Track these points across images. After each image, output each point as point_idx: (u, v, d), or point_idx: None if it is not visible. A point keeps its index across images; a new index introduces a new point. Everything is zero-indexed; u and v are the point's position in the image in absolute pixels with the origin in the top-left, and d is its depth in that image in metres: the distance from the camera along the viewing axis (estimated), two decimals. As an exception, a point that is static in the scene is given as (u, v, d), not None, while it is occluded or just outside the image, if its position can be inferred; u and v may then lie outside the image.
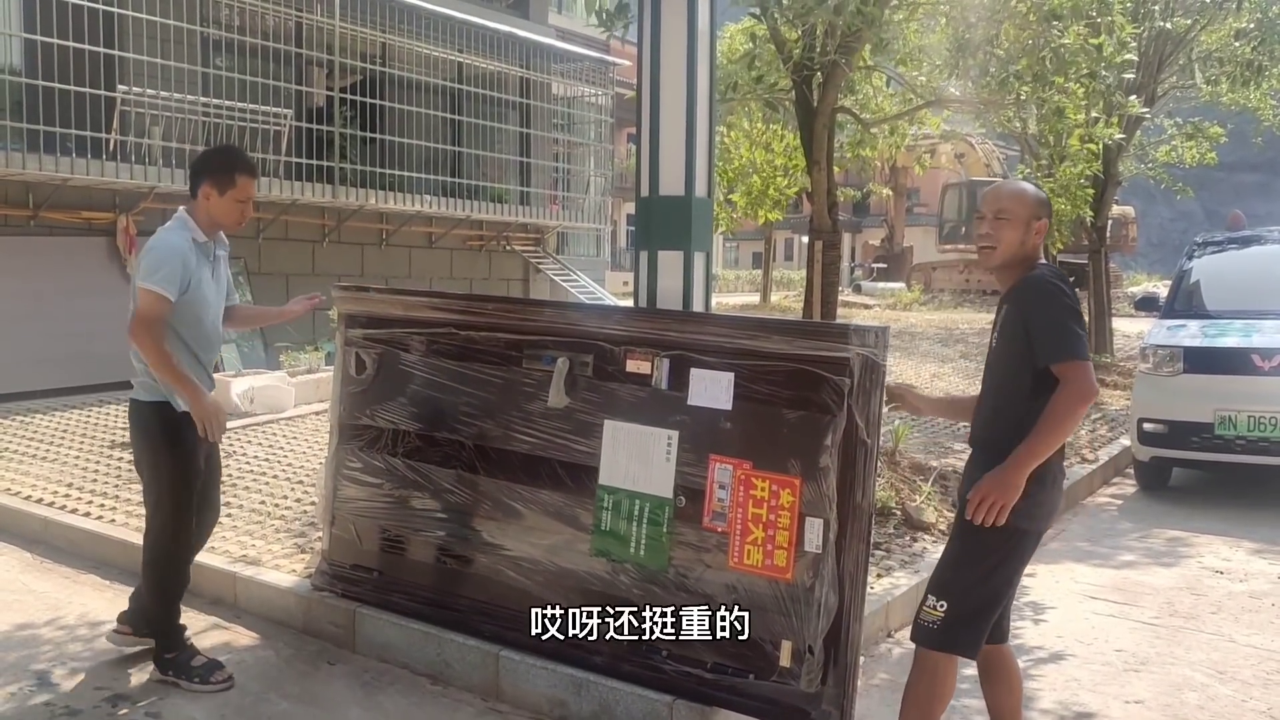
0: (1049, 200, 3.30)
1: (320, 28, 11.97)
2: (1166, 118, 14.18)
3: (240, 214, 4.06)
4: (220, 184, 3.97)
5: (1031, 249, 3.18)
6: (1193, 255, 8.86)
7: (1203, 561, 6.06)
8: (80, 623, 4.66)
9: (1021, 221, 3.16)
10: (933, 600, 3.11)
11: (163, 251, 3.88)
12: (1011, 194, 3.25)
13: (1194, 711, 4.06)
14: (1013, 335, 3.09)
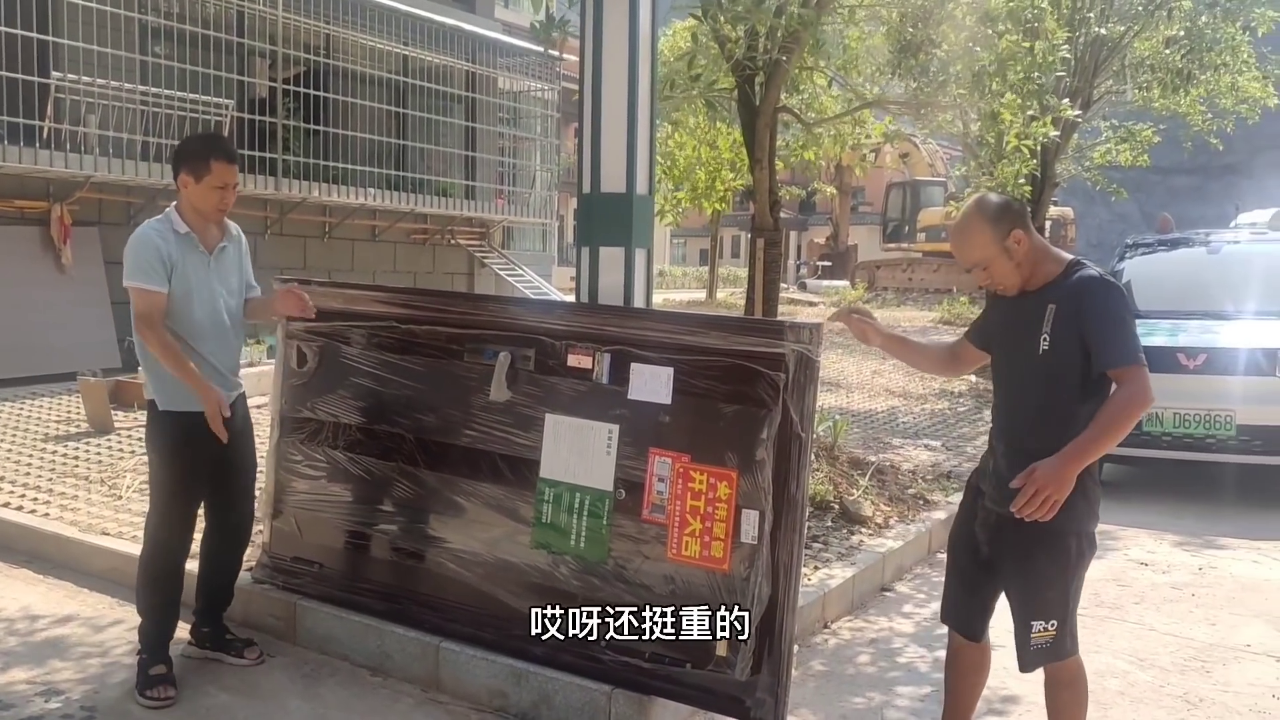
0: (1004, 206, 3.17)
1: (263, 18, 11.85)
2: (1102, 120, 14.50)
3: (220, 201, 3.96)
4: (196, 171, 3.89)
5: (1033, 252, 3.12)
6: (1123, 257, 9.09)
7: (1128, 554, 6.25)
8: (15, 617, 4.61)
9: (996, 255, 3.11)
10: (1041, 624, 3.12)
11: (132, 246, 3.86)
12: (968, 244, 3.17)
13: (1114, 697, 4.21)
14: (1068, 337, 3.03)
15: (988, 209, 3.15)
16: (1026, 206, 3.24)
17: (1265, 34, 12.60)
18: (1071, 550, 3.10)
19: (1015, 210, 3.17)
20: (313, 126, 12.37)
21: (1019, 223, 3.11)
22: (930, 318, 18.65)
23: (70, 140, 9.95)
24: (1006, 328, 3.28)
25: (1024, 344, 3.14)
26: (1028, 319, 3.13)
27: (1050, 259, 3.15)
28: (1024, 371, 3.17)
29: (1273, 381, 7.30)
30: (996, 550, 3.24)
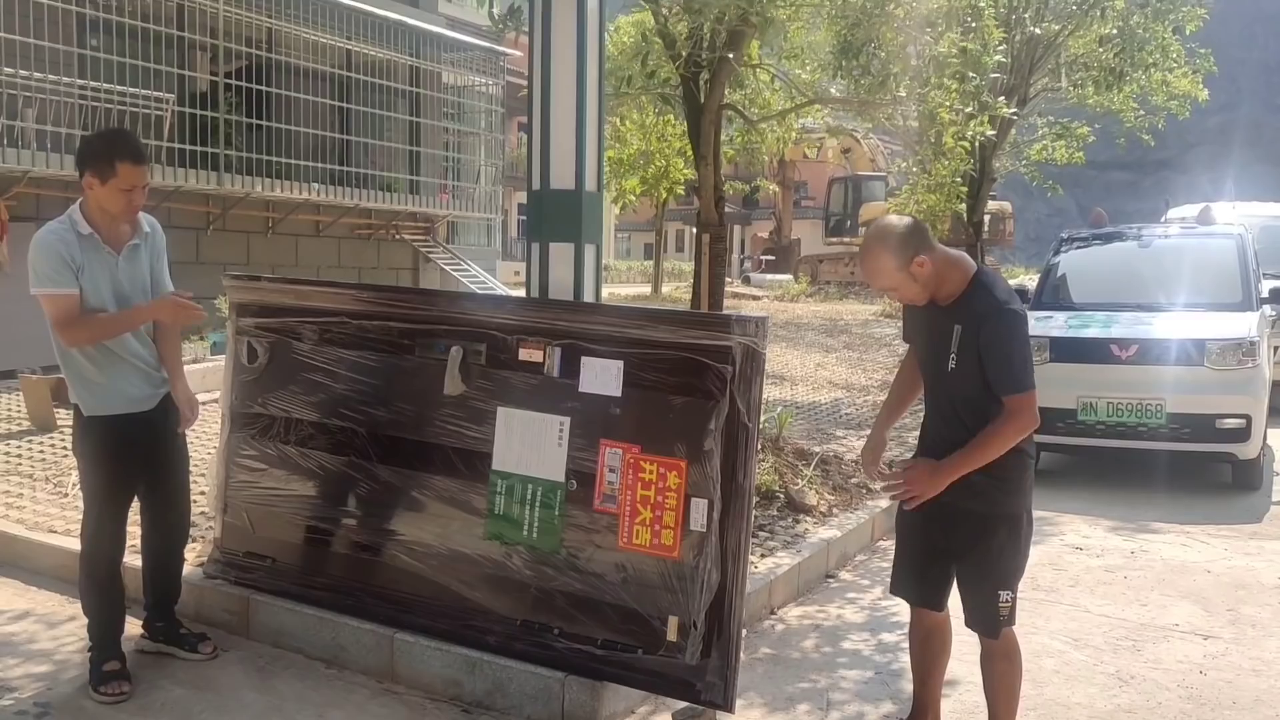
0: (906, 232, 3.27)
1: (204, 10, 11.72)
2: (1039, 117, 14.82)
3: (128, 203, 3.82)
4: (101, 173, 3.74)
5: (935, 272, 3.25)
6: (1059, 250, 9.33)
7: (1064, 539, 6.45)
8: (-39, 616, 4.58)
9: (902, 280, 3.26)
10: (1005, 595, 3.32)
11: (35, 252, 3.73)
12: (874, 271, 3.32)
13: (1050, 675, 4.37)
14: (971, 358, 3.22)
15: (890, 239, 3.26)
16: (926, 226, 3.38)
17: (1194, 31, 12.97)
18: (1023, 524, 3.34)
19: (916, 236, 3.28)
20: (255, 121, 12.25)
21: (921, 248, 3.24)
22: (872, 310, 18.91)
23: (7, 135, 9.78)
24: (922, 335, 3.49)
25: (937, 359, 3.35)
26: (939, 336, 3.33)
27: (956, 270, 3.29)
28: (937, 383, 3.40)
29: (1201, 371, 7.55)
30: (949, 534, 3.39)
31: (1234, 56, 28.83)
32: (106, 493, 3.93)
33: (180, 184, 11.36)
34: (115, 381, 3.87)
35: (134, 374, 3.90)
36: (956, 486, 3.28)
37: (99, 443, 3.87)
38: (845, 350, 13.82)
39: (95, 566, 3.97)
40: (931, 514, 3.40)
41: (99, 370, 3.85)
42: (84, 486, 4.00)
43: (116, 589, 4.03)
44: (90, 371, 3.84)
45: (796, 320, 16.81)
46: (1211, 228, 9.55)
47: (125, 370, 3.88)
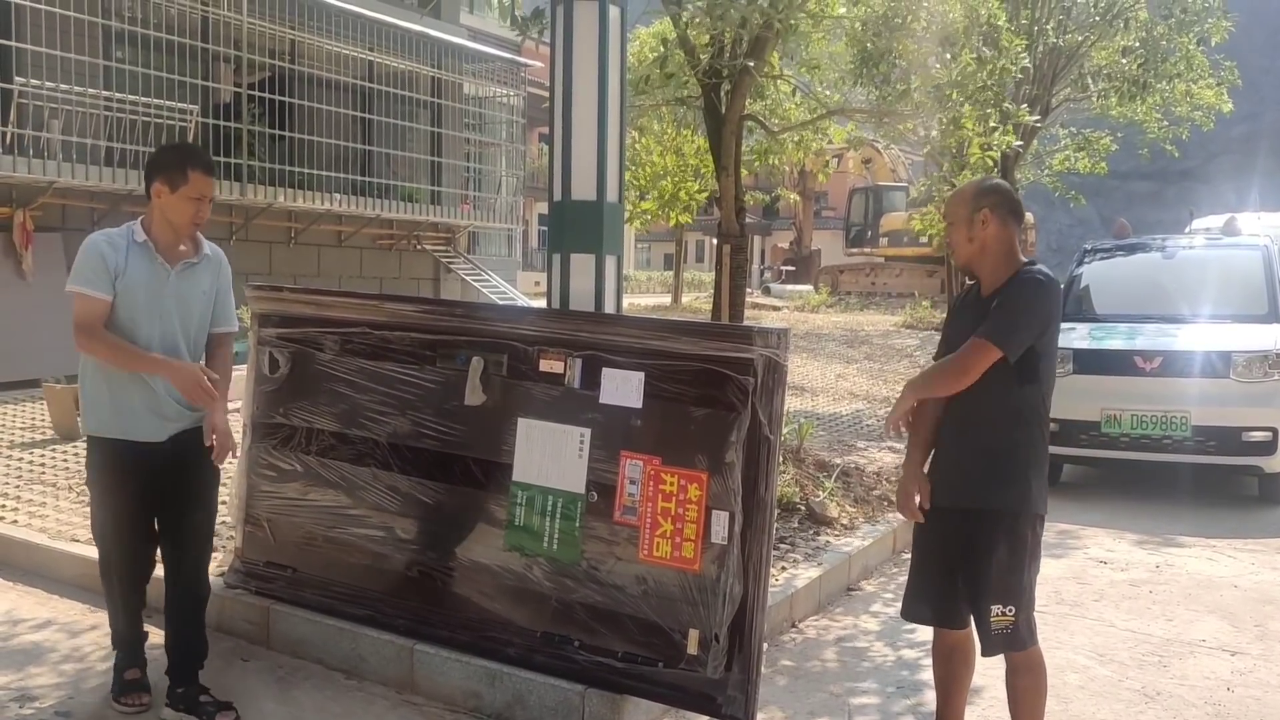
0: (998, 185, 3.36)
1: (227, 22, 11.83)
2: (1061, 128, 14.75)
3: (195, 213, 3.75)
4: (172, 180, 3.68)
5: (993, 242, 3.26)
6: (1082, 261, 9.27)
7: (1088, 552, 6.39)
8: (-17, 624, 4.61)
9: (963, 221, 3.29)
10: (999, 609, 3.23)
11: (81, 252, 3.68)
12: (952, 197, 3.42)
13: (1075, 691, 4.32)
14: None
15: (984, 182, 3.36)
16: (1022, 209, 3.37)
17: (1219, 43, 12.88)
18: (1027, 536, 3.25)
19: (997, 196, 3.30)
20: (278, 132, 12.35)
21: (997, 210, 3.26)
22: (893, 322, 18.86)
23: (33, 146, 9.89)
24: (960, 331, 3.41)
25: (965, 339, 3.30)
26: (975, 319, 3.29)
27: (1011, 260, 3.28)
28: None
29: (1227, 383, 7.48)
30: (954, 542, 3.35)
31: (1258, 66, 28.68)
32: (107, 515, 3.80)
33: (203, 194, 11.42)
34: (120, 405, 3.69)
35: (143, 402, 3.70)
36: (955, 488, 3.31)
37: (97, 465, 3.79)
38: (866, 361, 13.77)
39: (108, 580, 3.89)
40: (945, 531, 3.37)
41: (108, 390, 3.70)
42: (92, 518, 3.97)
43: (134, 602, 3.89)
44: (99, 390, 3.72)
45: (817, 331, 16.76)
46: (1237, 238, 9.48)
47: (135, 396, 3.69)
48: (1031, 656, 3.34)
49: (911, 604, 3.57)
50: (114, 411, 3.70)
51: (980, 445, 3.29)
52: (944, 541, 3.40)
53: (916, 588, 3.56)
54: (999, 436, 3.25)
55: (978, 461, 3.29)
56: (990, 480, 3.26)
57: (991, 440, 3.26)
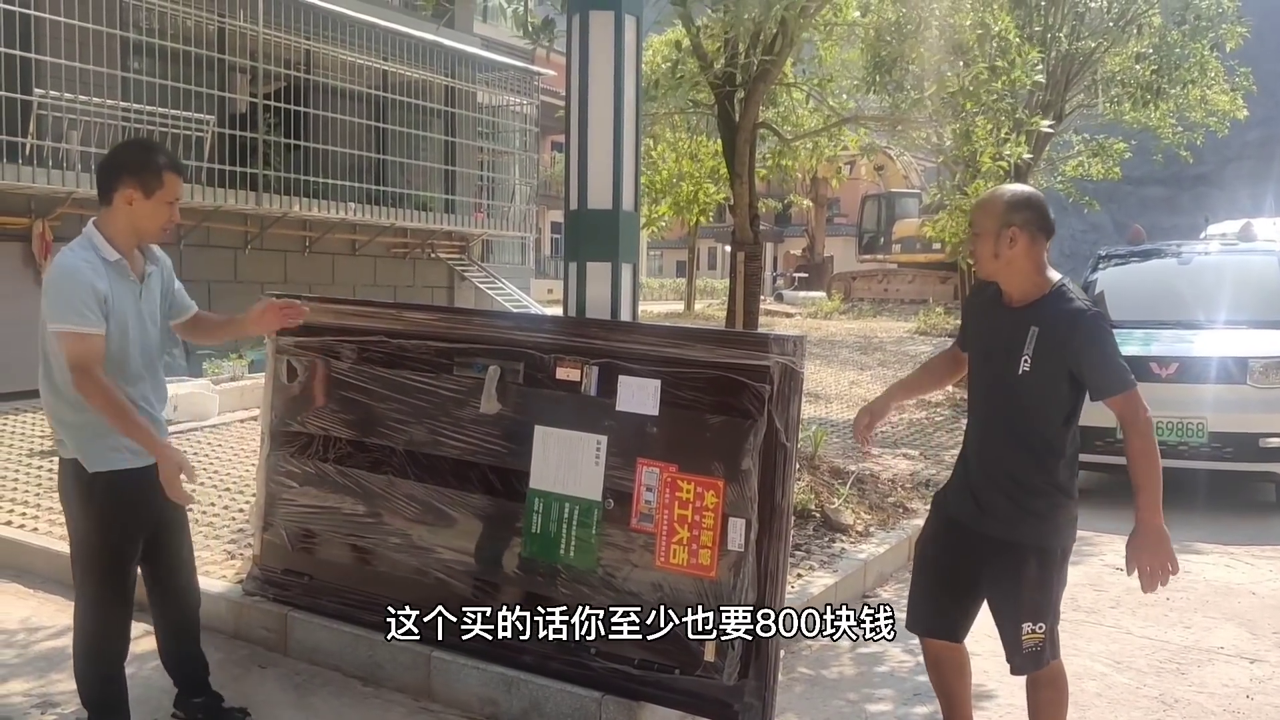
0: (1031, 199, 3.20)
1: (243, 33, 11.90)
2: (1074, 134, 14.72)
3: (169, 217, 3.42)
4: (147, 184, 3.32)
5: (1021, 260, 3.15)
6: (1096, 267, 9.25)
7: (1104, 559, 6.37)
8: (13, 629, 4.64)
9: (990, 234, 3.16)
10: (1030, 626, 3.21)
11: (59, 282, 3.24)
12: (981, 205, 3.29)
13: (1092, 699, 4.31)
14: (1050, 362, 3.09)
15: (1016, 195, 3.22)
16: (1052, 221, 3.24)
17: (1234, 49, 12.85)
18: (1056, 557, 3.24)
19: (1029, 211, 3.16)
20: (293, 141, 12.41)
21: (1026, 227, 3.13)
22: (906, 328, 18.82)
23: (52, 157, 9.96)
24: (985, 341, 3.33)
25: (1003, 362, 3.18)
26: (1008, 337, 3.17)
27: (1040, 276, 3.17)
28: (1001, 390, 3.21)
29: (1243, 389, 7.45)
30: (977, 565, 3.30)
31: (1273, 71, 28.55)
32: (113, 563, 3.41)
33: (219, 204, 11.52)
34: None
35: (148, 422, 3.39)
36: (984, 515, 3.23)
37: (106, 504, 3.35)
38: (879, 368, 13.75)
39: (103, 659, 3.47)
40: (956, 545, 3.34)
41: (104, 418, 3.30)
42: (82, 559, 3.42)
43: (123, 678, 3.57)
44: (95, 420, 3.29)
45: (830, 338, 16.75)
46: (1253, 244, 9.45)
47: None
48: (1054, 669, 3.32)
49: (915, 615, 3.53)
50: (116, 439, 3.33)
51: (1018, 477, 3.20)
52: (956, 559, 3.34)
53: (921, 600, 3.51)
54: (1041, 472, 3.17)
55: (1015, 494, 3.20)
56: (1026, 514, 3.19)
57: (1034, 475, 3.18)
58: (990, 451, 3.29)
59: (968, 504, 3.32)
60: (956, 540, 3.34)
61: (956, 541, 3.34)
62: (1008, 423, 3.22)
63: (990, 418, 3.29)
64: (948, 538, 3.40)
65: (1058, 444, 3.16)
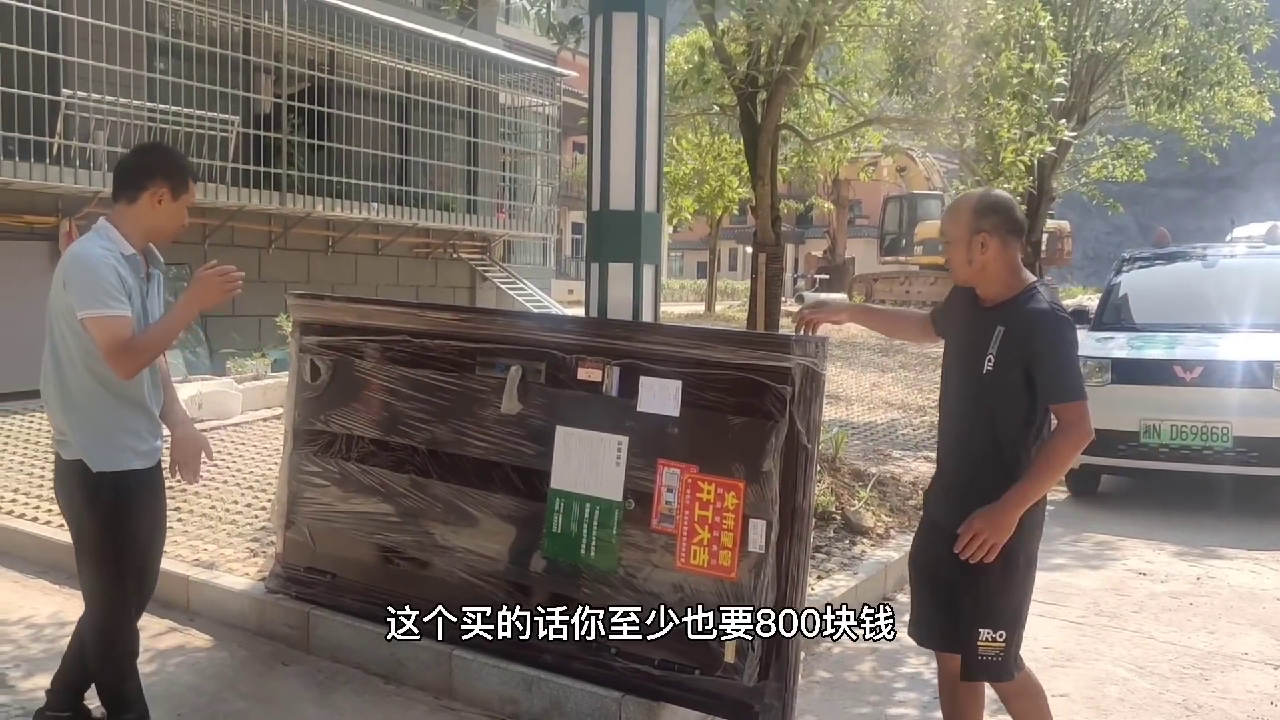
0: (997, 203, 3.17)
1: (268, 34, 11.99)
2: (1099, 135, 14.64)
3: (183, 222, 3.51)
4: (176, 187, 3.39)
5: (994, 264, 3.12)
6: (1121, 270, 9.19)
7: (1127, 564, 6.33)
8: (32, 625, 4.69)
9: (961, 241, 3.13)
10: (989, 633, 3.08)
11: (87, 270, 3.24)
12: (949, 214, 3.24)
13: (1115, 704, 4.29)
14: (1012, 363, 3.05)
15: (983, 200, 3.19)
16: (1023, 223, 3.21)
17: (1260, 50, 12.76)
18: (1019, 562, 3.11)
19: (1000, 214, 3.13)
20: (316, 142, 12.49)
21: (996, 231, 3.10)
22: (929, 331, 18.74)
23: (79, 156, 10.06)
24: (958, 339, 3.31)
25: (970, 360, 3.16)
26: (976, 336, 3.15)
27: (1012, 275, 3.14)
28: (969, 389, 3.19)
29: (1269, 393, 7.39)
30: (949, 564, 3.20)
31: (1300, 72, 28.52)
32: (124, 565, 3.39)
33: (244, 204, 11.60)
34: (129, 431, 3.37)
35: (144, 423, 3.43)
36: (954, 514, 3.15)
37: (115, 502, 3.33)
38: (901, 370, 13.71)
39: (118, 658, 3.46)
40: (937, 548, 3.25)
41: (112, 418, 3.34)
42: (93, 561, 3.39)
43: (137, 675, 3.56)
44: (102, 419, 3.32)
45: (851, 340, 16.69)
46: (1279, 246, 9.36)
47: (139, 419, 3.41)
48: (1022, 683, 3.20)
49: (912, 624, 3.44)
50: (123, 440, 3.35)
51: (982, 478, 3.13)
52: (938, 564, 3.26)
53: (916, 608, 3.43)
54: (1004, 475, 3.07)
55: (969, 490, 3.14)
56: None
57: (998, 476, 3.08)
58: (959, 451, 3.26)
59: (942, 504, 3.29)
60: (937, 543, 3.25)
61: (937, 544, 3.25)
62: (973, 422, 3.18)
63: (959, 416, 3.26)
64: (930, 541, 3.33)
65: (1020, 447, 3.08)
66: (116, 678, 3.49)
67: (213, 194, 11.12)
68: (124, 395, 3.35)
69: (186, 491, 6.45)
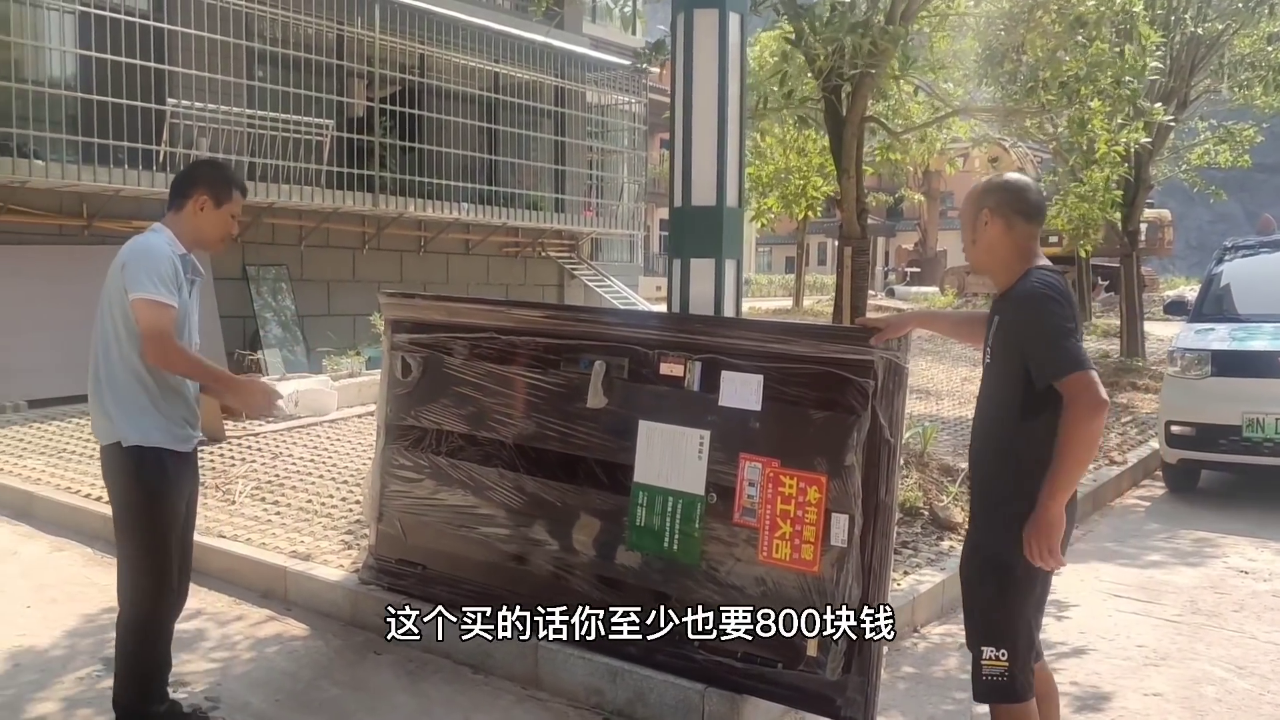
0: (1006, 183, 3.05)
1: (360, 40, 12.26)
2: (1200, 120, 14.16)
3: (228, 230, 3.70)
4: (219, 194, 3.61)
5: (997, 245, 3.00)
6: (1222, 259, 8.92)
7: (1228, 561, 6.15)
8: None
9: (968, 222, 3.05)
10: (992, 652, 2.94)
11: (147, 257, 3.44)
12: (965, 198, 3.14)
13: (1211, 704, 4.18)
14: (1005, 350, 2.94)
15: (991, 180, 3.09)
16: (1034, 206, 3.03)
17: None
18: (1016, 575, 2.92)
19: (1005, 195, 3.01)
20: (408, 144, 12.73)
21: (998, 210, 2.99)
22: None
23: (184, 163, 10.41)
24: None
25: (982, 353, 3.11)
26: (987, 329, 3.10)
27: (1019, 263, 2.99)
28: (981, 385, 3.13)
29: (1380, 386, 7.11)
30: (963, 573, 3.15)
31: None
32: (161, 537, 3.53)
33: (338, 206, 11.89)
34: (166, 415, 3.52)
35: (183, 411, 3.59)
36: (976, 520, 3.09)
37: (149, 478, 3.48)
38: (993, 364, 13.47)
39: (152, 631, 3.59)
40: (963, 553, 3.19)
41: (150, 400, 3.49)
42: (132, 534, 3.54)
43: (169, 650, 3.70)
44: (138, 399, 3.48)
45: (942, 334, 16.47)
46: (1394, 233, 8.99)
47: (177, 405, 3.57)
48: (1022, 713, 2.96)
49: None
50: (159, 421, 3.51)
51: (986, 480, 3.05)
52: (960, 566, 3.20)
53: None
54: (1004, 475, 2.95)
55: (980, 495, 3.07)
56: (990, 522, 3.01)
57: (1000, 478, 2.97)
58: (971, 453, 3.17)
59: (971, 506, 3.20)
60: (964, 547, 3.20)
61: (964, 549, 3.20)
62: (981, 421, 3.10)
63: (978, 415, 3.15)
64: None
65: (1019, 443, 2.91)
66: (139, 692, 3.57)
67: (308, 196, 11.43)
68: (165, 381, 3.51)
69: (285, 486, 6.66)
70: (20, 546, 5.82)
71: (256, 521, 5.91)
